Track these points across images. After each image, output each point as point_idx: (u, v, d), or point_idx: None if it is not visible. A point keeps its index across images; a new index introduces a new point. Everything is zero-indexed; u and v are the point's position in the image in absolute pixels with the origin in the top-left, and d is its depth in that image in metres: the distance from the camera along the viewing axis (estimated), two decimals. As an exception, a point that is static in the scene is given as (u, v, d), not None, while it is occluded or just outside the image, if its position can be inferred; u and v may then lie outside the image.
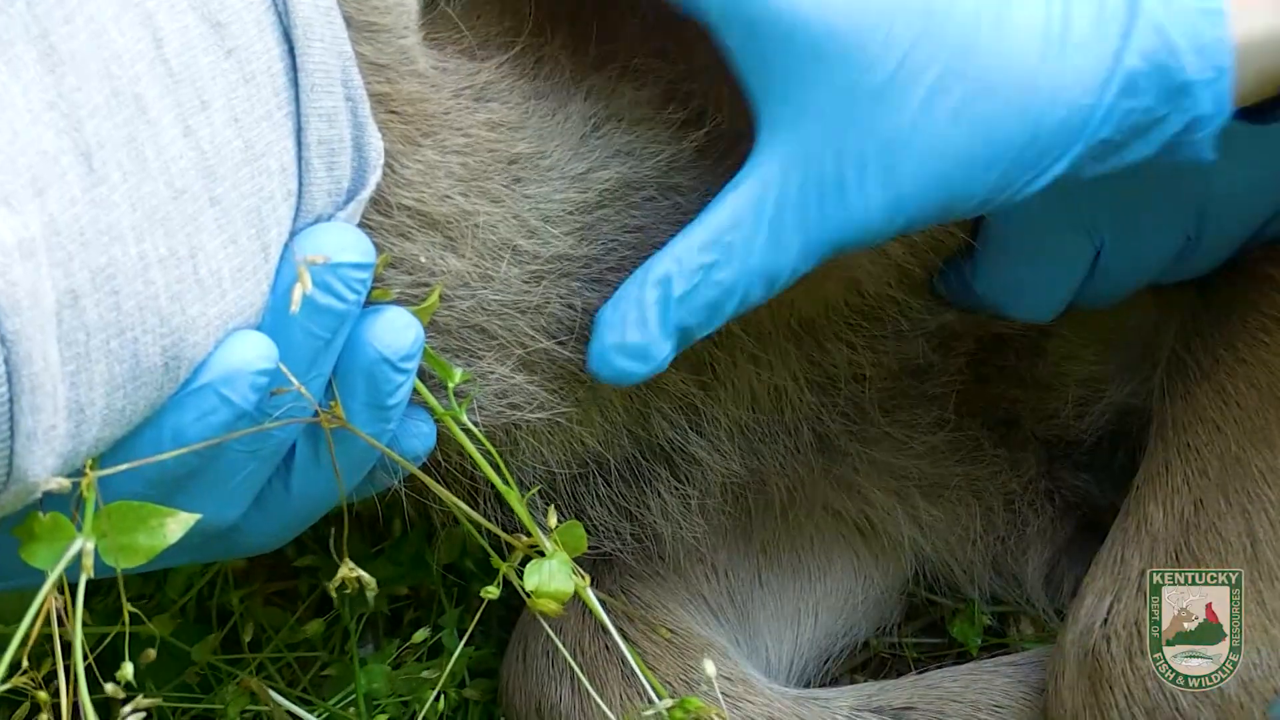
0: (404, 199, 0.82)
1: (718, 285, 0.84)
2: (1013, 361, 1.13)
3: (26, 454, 0.66)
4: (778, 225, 0.82)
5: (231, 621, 1.19)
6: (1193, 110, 0.81)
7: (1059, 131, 0.81)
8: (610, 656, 1.08)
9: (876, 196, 0.81)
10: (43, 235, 0.65)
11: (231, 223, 0.73)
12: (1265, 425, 1.00)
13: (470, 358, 0.87)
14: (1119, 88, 0.80)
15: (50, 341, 0.66)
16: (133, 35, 0.70)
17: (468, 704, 1.18)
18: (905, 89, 0.80)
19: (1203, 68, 0.80)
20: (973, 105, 0.80)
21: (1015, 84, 0.80)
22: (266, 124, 0.75)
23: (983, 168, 0.81)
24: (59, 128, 0.66)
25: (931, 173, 0.81)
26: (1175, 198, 0.99)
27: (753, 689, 1.09)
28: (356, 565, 1.18)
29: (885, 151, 0.80)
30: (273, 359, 0.75)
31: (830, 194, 0.82)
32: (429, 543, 1.22)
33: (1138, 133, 0.82)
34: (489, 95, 0.86)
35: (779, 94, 0.82)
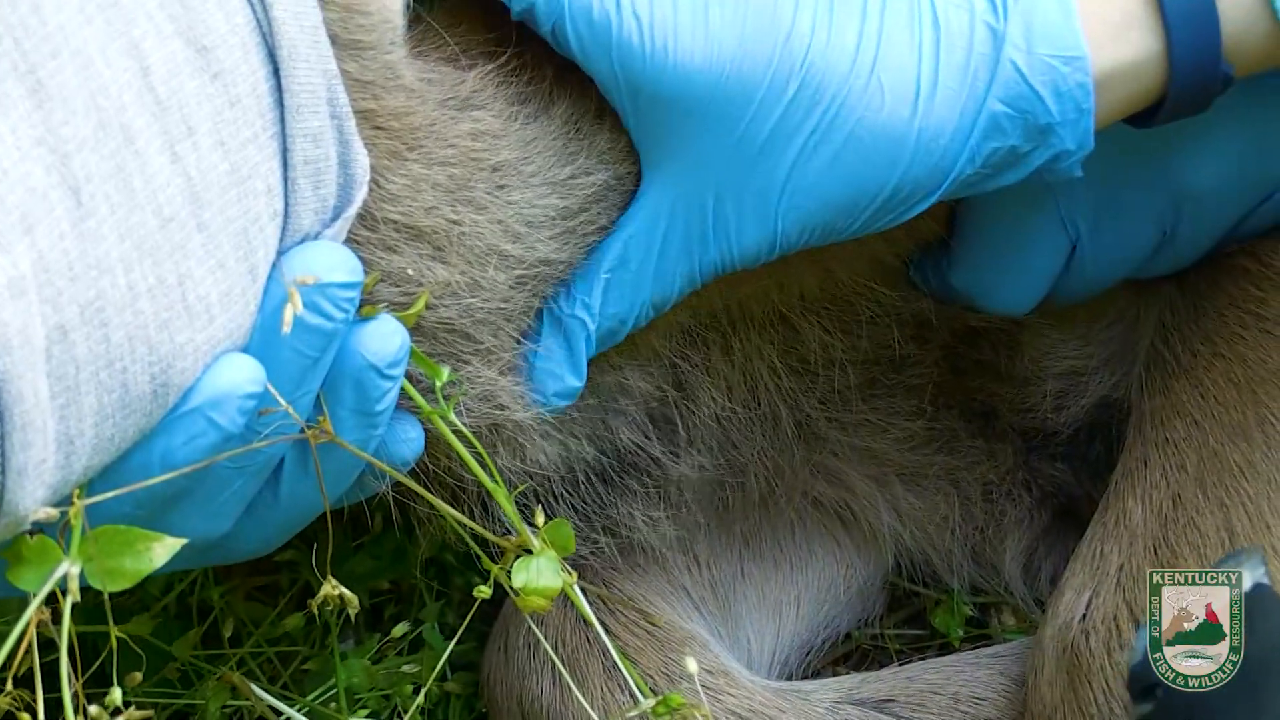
0: (390, 213, 0.82)
1: (614, 318, 0.91)
2: (988, 355, 1.14)
3: (17, 489, 0.67)
4: (664, 259, 0.89)
5: (212, 617, 1.19)
6: (1056, 146, 0.86)
7: (927, 175, 0.86)
8: (592, 649, 1.08)
9: (753, 233, 0.88)
10: (32, 273, 0.65)
11: (219, 248, 0.73)
12: (1243, 420, 1.01)
13: (456, 362, 0.88)
14: (983, 131, 0.85)
15: (40, 378, 0.66)
16: (120, 65, 0.69)
17: (449, 698, 1.18)
18: (782, 143, 0.85)
19: (1064, 110, 0.85)
20: (845, 157, 0.85)
21: (886, 136, 0.85)
22: (253, 146, 0.75)
23: (854, 209, 0.87)
24: (47, 163, 0.66)
25: (806, 213, 0.87)
26: (1151, 192, 1.00)
27: (734, 681, 1.09)
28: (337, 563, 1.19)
29: (762, 197, 0.87)
30: (260, 381, 0.75)
31: (710, 231, 0.88)
32: (409, 537, 1.22)
33: (1005, 166, 0.87)
34: (473, 104, 0.86)
35: (664, 147, 0.88)
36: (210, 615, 1.19)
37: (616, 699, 1.06)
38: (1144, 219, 1.01)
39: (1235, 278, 1.05)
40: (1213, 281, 1.06)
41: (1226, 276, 1.05)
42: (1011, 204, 1.00)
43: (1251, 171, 0.99)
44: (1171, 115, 0.89)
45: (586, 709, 1.04)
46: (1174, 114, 0.89)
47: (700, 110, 0.85)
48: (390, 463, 0.85)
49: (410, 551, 1.22)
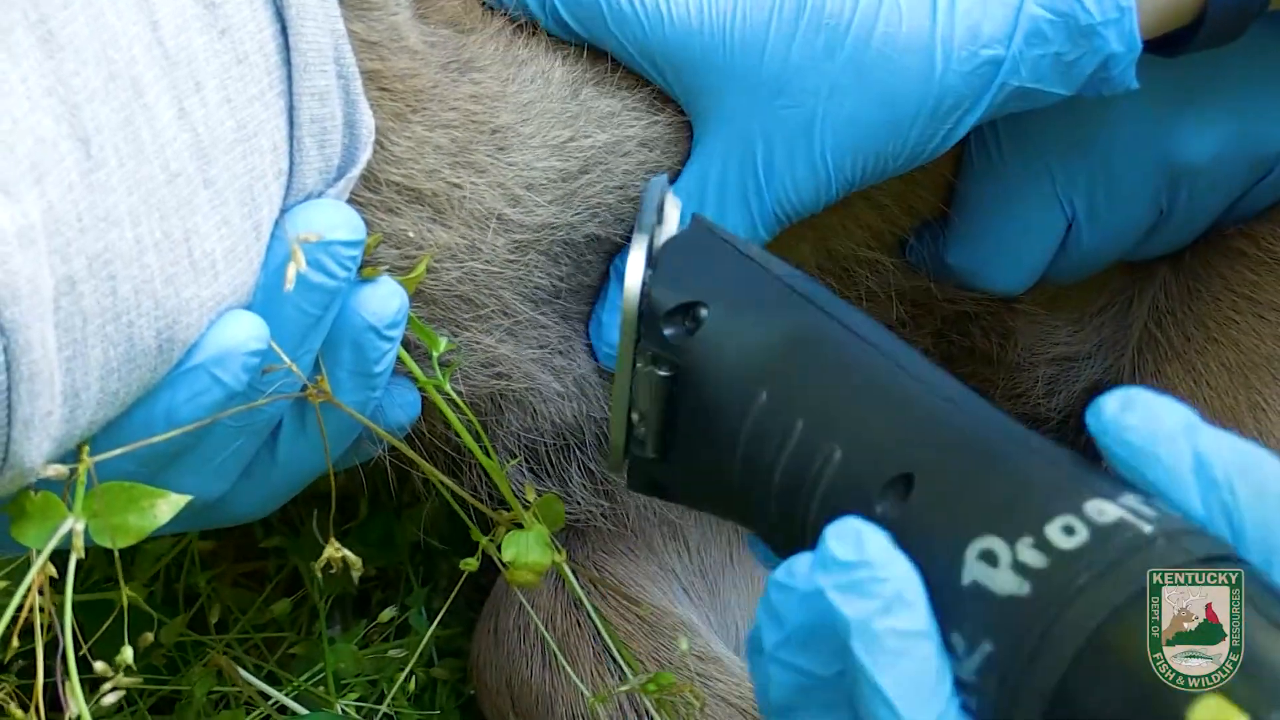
0: (393, 175, 0.82)
1: None
2: (980, 342, 1.14)
3: (24, 440, 0.66)
4: (721, 207, 0.90)
5: (199, 603, 1.18)
6: (1103, 50, 0.86)
7: (965, 84, 0.86)
8: (582, 633, 1.08)
9: (804, 174, 0.88)
10: (42, 222, 0.64)
11: (225, 204, 0.73)
12: (1235, 405, 1.01)
13: (455, 327, 0.88)
14: (1025, 37, 0.85)
15: (48, 329, 0.65)
16: (130, 18, 0.69)
17: (436, 683, 1.18)
18: (806, 77, 0.86)
19: (1105, 9, 0.85)
20: (874, 77, 0.86)
21: (910, 49, 0.86)
22: (259, 103, 0.74)
23: (898, 130, 0.87)
24: (57, 113, 0.66)
25: (851, 142, 0.87)
26: (1147, 171, 1.00)
27: (724, 668, 1.09)
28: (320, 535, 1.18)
29: (804, 135, 0.87)
30: (264, 339, 0.75)
31: (763, 180, 0.89)
32: (396, 522, 1.22)
33: (1054, 76, 0.86)
34: (473, 66, 0.86)
35: (700, 104, 0.90)
36: (197, 601, 1.18)
37: (607, 683, 1.05)
38: (1140, 197, 1.01)
39: (1230, 261, 1.05)
40: (1207, 265, 1.06)
41: (1221, 260, 1.06)
42: (1008, 181, 1.00)
43: (1247, 149, 1.00)
44: (1210, 36, 0.88)
45: (579, 685, 1.04)
46: (1212, 35, 0.88)
47: (716, 64, 0.87)
48: (387, 427, 0.86)
49: (397, 537, 1.22)
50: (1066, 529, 0.60)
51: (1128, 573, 0.59)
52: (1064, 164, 0.99)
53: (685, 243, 0.77)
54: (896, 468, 0.65)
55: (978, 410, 0.68)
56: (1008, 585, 0.60)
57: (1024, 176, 1.00)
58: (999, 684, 0.60)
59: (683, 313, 0.74)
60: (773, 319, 0.73)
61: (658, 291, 0.74)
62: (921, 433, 0.67)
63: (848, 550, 0.62)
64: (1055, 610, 0.59)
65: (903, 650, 0.60)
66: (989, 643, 0.60)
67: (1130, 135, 0.99)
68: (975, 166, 1.01)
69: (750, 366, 0.72)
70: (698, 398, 0.73)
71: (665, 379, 0.75)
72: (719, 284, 0.75)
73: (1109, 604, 0.59)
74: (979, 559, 0.61)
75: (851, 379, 0.70)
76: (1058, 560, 0.60)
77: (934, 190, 1.03)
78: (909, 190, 1.03)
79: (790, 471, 0.69)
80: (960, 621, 0.61)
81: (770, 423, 0.70)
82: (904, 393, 0.69)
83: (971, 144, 1.01)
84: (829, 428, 0.68)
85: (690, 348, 0.73)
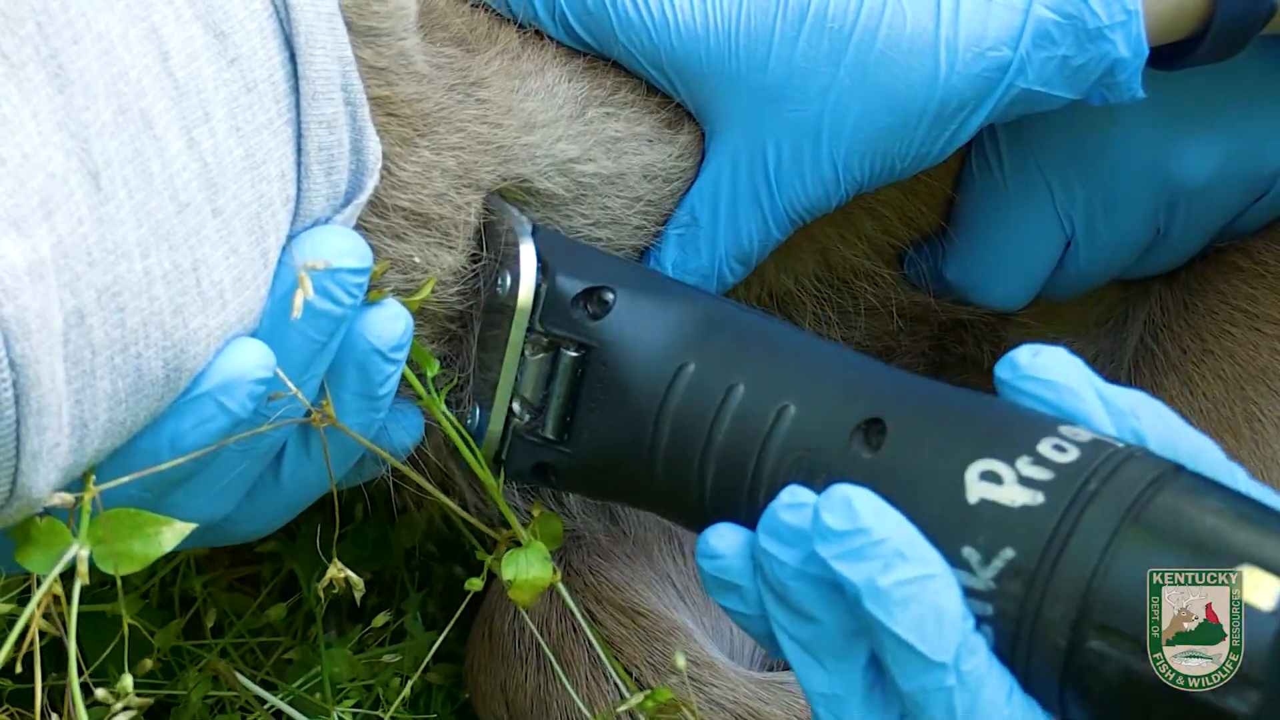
0: (400, 201, 0.82)
1: (695, 273, 0.92)
2: (972, 350, 1.14)
3: (31, 472, 0.66)
4: (733, 213, 0.91)
5: (194, 608, 1.18)
6: (1110, 54, 0.86)
7: (970, 86, 0.87)
8: (577, 638, 1.08)
9: (812, 175, 0.89)
10: (51, 257, 0.64)
11: (233, 233, 0.73)
12: (1231, 416, 1.02)
13: (453, 342, 0.88)
14: (1033, 39, 0.85)
15: (58, 362, 0.65)
16: (139, 50, 0.69)
17: (431, 688, 1.18)
18: (811, 78, 0.87)
19: (1112, 12, 0.85)
20: (878, 78, 0.86)
21: (914, 50, 0.86)
22: (267, 132, 0.74)
23: (904, 130, 0.88)
24: (67, 148, 0.66)
25: (857, 146, 0.88)
26: (1145, 189, 1.00)
27: (718, 673, 1.09)
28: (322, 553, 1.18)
29: (811, 136, 0.88)
30: (270, 366, 0.75)
31: (774, 181, 0.90)
32: (391, 527, 1.22)
33: (1061, 80, 0.87)
34: (480, 87, 0.86)
35: (709, 109, 0.91)
36: (193, 606, 1.18)
37: (602, 688, 1.06)
38: (1138, 216, 1.01)
39: (1226, 274, 1.06)
40: (1203, 278, 1.07)
41: (1217, 273, 1.06)
42: (1008, 198, 1.01)
43: (1244, 171, 1.00)
44: (1213, 48, 0.89)
45: (572, 695, 1.04)
46: (1215, 47, 0.89)
47: (722, 70, 0.88)
48: (390, 448, 0.86)
49: (392, 542, 1.22)
50: (1057, 447, 0.67)
51: (1130, 478, 0.65)
52: (1063, 182, 1.00)
53: (569, 244, 0.85)
54: (862, 413, 0.71)
55: (901, 370, 0.76)
56: (1020, 497, 0.66)
57: (1024, 193, 1.00)
58: (1026, 584, 0.65)
59: (587, 297, 0.80)
60: (680, 301, 0.80)
61: (561, 278, 0.80)
62: (874, 383, 0.74)
63: (840, 519, 0.67)
64: (1075, 512, 0.65)
65: (911, 596, 0.65)
66: (1010, 549, 0.65)
67: (1129, 155, 0.99)
68: (975, 182, 1.02)
69: (671, 341, 0.78)
70: (613, 375, 0.79)
71: (574, 360, 0.80)
72: (615, 274, 0.81)
73: (1124, 504, 0.64)
74: (982, 479, 0.67)
75: (784, 345, 0.77)
76: (1061, 473, 0.66)
77: (933, 202, 1.03)
78: (909, 202, 1.03)
79: (735, 431, 0.74)
80: (973, 535, 0.66)
81: (704, 389, 0.76)
82: (840, 354, 0.76)
83: (972, 159, 1.02)
84: (776, 386, 0.74)
85: (600, 329, 0.79)
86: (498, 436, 0.84)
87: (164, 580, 1.19)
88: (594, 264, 0.83)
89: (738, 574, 0.73)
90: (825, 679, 0.70)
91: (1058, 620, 0.64)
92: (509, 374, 0.83)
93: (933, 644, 0.65)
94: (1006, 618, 0.66)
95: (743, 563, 0.73)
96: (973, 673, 0.65)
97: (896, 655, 0.66)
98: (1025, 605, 0.65)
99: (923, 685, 0.66)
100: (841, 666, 0.69)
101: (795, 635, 0.70)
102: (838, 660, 0.69)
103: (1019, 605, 0.65)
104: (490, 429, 0.84)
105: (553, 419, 0.83)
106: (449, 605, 1.23)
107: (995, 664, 0.66)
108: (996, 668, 0.66)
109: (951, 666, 0.65)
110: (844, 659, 0.69)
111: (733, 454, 0.75)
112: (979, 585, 0.66)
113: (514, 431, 0.84)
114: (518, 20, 0.90)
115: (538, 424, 0.83)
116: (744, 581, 0.73)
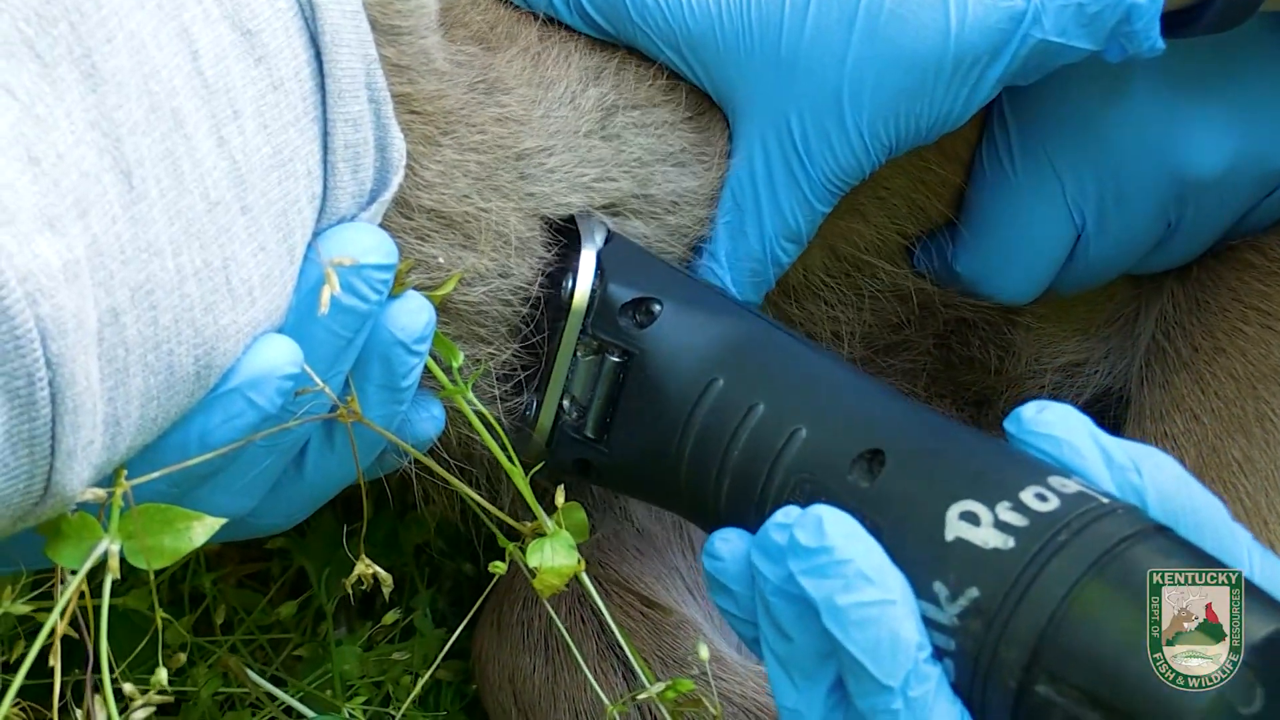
0: (424, 201, 0.82)
1: (748, 258, 0.94)
2: (978, 352, 1.14)
3: (65, 470, 0.66)
4: (773, 193, 0.92)
5: (204, 605, 1.18)
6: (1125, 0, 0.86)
7: (985, 39, 0.87)
8: (586, 629, 1.08)
9: (840, 144, 0.90)
10: (86, 256, 0.65)
11: (261, 230, 0.74)
12: (1243, 415, 1.02)
13: (480, 343, 0.88)
14: None
15: (92, 361, 0.66)
16: (170, 49, 0.70)
17: (440, 684, 1.18)
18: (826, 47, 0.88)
19: None
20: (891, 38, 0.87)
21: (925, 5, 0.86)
22: (294, 129, 0.75)
23: (922, 90, 0.88)
24: (101, 146, 0.66)
25: (879, 110, 0.89)
26: (1156, 183, 1.00)
27: (726, 667, 1.09)
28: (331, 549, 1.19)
29: (833, 104, 0.89)
30: (298, 362, 0.76)
31: (805, 155, 0.90)
32: (401, 524, 1.22)
33: (1078, 29, 0.87)
34: (500, 87, 0.86)
35: (732, 90, 0.91)
36: (202, 602, 1.19)
37: (610, 680, 1.06)
38: (1149, 210, 1.01)
39: (1239, 271, 1.06)
40: (1216, 275, 1.07)
41: (1230, 270, 1.06)
42: (1018, 191, 1.01)
43: (1255, 165, 1.00)
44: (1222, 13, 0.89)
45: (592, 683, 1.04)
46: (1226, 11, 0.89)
47: (739, 47, 0.89)
48: (412, 440, 0.87)
49: (402, 539, 1.22)
50: (1039, 496, 0.69)
51: (1103, 533, 0.67)
52: (1074, 175, 1.00)
53: (630, 252, 0.88)
54: (865, 444, 0.74)
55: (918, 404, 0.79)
56: (992, 540, 0.68)
57: (1034, 185, 1.01)
58: (986, 624, 0.67)
59: (635, 307, 0.83)
60: (721, 318, 0.83)
61: (613, 286, 0.85)
62: (881, 415, 0.77)
63: (809, 537, 0.70)
64: (1042, 560, 0.67)
65: (868, 618, 0.68)
66: (975, 589, 0.68)
67: (1140, 148, 0.99)
68: (986, 173, 1.02)
69: (706, 356, 0.82)
70: (650, 382, 0.83)
71: (617, 365, 0.84)
72: (667, 286, 0.85)
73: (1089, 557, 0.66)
74: (961, 519, 0.69)
75: (806, 370, 0.80)
76: (1037, 521, 0.68)
77: (943, 193, 1.03)
78: (918, 192, 1.03)
79: (750, 448, 0.78)
80: (944, 572, 0.69)
81: (729, 405, 0.80)
82: (857, 383, 0.79)
83: (983, 150, 1.02)
84: (792, 410, 0.78)
85: (644, 337, 0.83)
86: (547, 430, 0.89)
87: (174, 577, 1.19)
88: (648, 275, 0.87)
89: (734, 579, 0.76)
90: (793, 694, 0.72)
91: (1011, 662, 0.66)
92: (560, 372, 0.87)
93: (884, 667, 0.68)
94: (966, 654, 0.68)
95: (740, 569, 0.75)
96: (920, 700, 0.68)
97: (852, 671, 0.69)
98: (983, 644, 0.67)
99: (873, 705, 0.68)
100: (808, 685, 0.72)
101: (773, 649, 0.73)
102: (806, 679, 0.72)
103: (978, 643, 0.67)
104: (540, 422, 0.89)
105: (594, 418, 0.87)
106: (458, 602, 1.23)
107: (947, 695, 0.68)
108: (947, 699, 0.68)
109: (899, 691, 0.67)
110: (811, 679, 0.72)
111: (746, 469, 0.78)
112: (944, 620, 0.69)
113: (562, 427, 0.88)
114: (535, 11, 0.91)
115: (582, 422, 0.87)
116: (739, 587, 0.75)
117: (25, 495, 0.66)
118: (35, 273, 0.62)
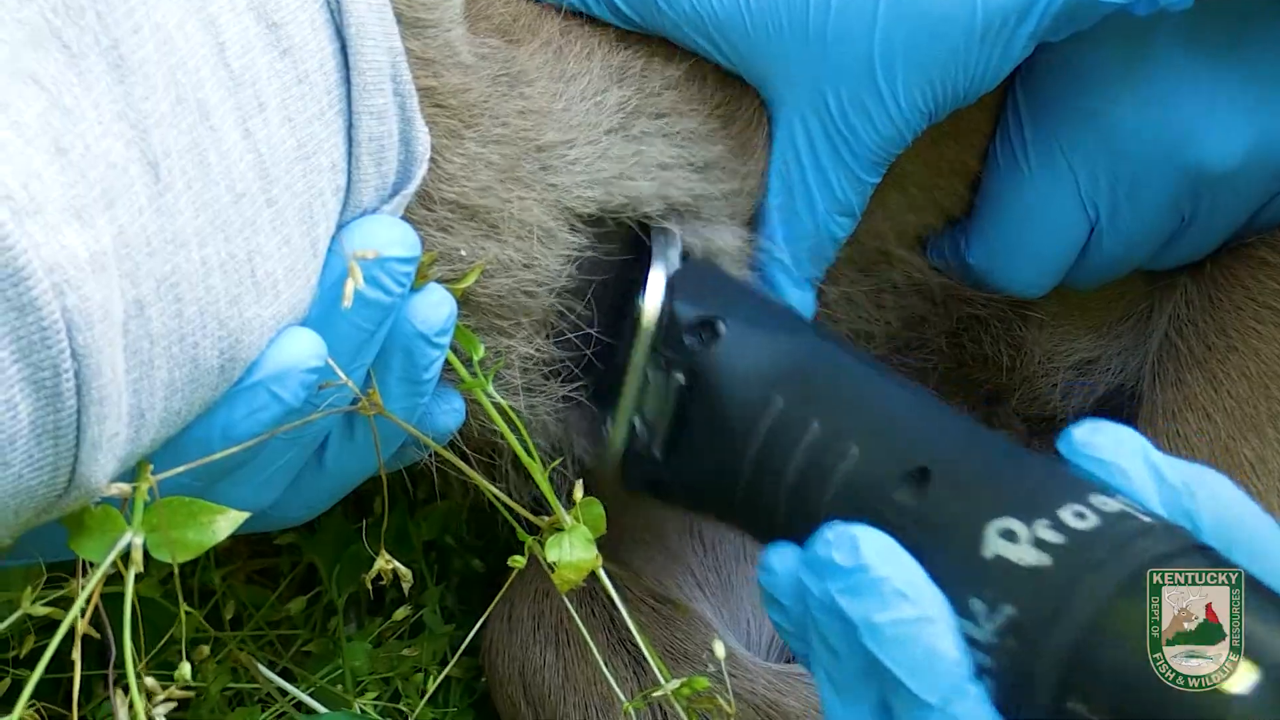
0: (447, 193, 0.82)
1: (804, 238, 0.96)
2: (989, 350, 1.14)
3: (90, 462, 0.66)
4: (819, 170, 0.93)
5: (213, 600, 1.18)
6: None
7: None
8: (596, 622, 1.08)
9: (879, 113, 0.91)
10: (113, 247, 0.65)
11: (285, 223, 0.73)
12: (1255, 414, 1.02)
13: (500, 335, 0.88)
14: None
15: (118, 352, 0.65)
16: (197, 40, 0.69)
17: (450, 681, 1.18)
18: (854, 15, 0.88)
19: None
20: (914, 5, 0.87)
21: None
22: (319, 122, 0.75)
23: (955, 53, 0.89)
24: (127, 138, 0.66)
25: (913, 77, 0.89)
26: (1170, 177, 1.00)
27: (737, 663, 1.09)
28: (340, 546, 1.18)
29: (866, 73, 0.89)
30: (322, 355, 0.75)
31: (846, 129, 0.91)
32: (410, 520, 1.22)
33: None
34: (522, 80, 0.86)
35: (767, 71, 0.92)
36: (211, 598, 1.18)
37: (620, 674, 1.06)
38: (1162, 204, 1.01)
39: (1253, 269, 1.06)
40: (1229, 273, 1.06)
41: (1244, 269, 1.06)
42: (1032, 182, 1.01)
43: (1269, 160, 1.00)
44: None
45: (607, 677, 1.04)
46: None
47: (766, 24, 0.89)
48: (433, 433, 0.87)
49: (412, 535, 1.22)
50: (1078, 514, 0.69)
51: (1139, 551, 0.67)
52: (1088, 167, 1.00)
53: (699, 269, 0.90)
54: (912, 462, 0.74)
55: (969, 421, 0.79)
56: (1029, 558, 0.68)
57: (1047, 176, 1.01)
58: (1021, 641, 0.67)
59: (701, 326, 0.84)
60: (783, 338, 0.83)
61: (680, 307, 0.85)
62: (931, 433, 0.77)
63: (845, 556, 0.70)
64: (1077, 579, 0.67)
65: (907, 636, 0.68)
66: (1011, 606, 0.68)
67: (1154, 141, 0.99)
68: (999, 164, 1.02)
69: (766, 376, 0.81)
70: (713, 402, 0.83)
71: (682, 386, 0.84)
72: (732, 305, 0.85)
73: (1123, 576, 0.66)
74: (1000, 536, 0.69)
75: (859, 387, 0.81)
76: (1075, 539, 0.68)
77: (960, 188, 1.03)
78: (935, 179, 1.04)
79: (805, 467, 0.78)
80: (981, 589, 0.69)
81: (787, 424, 0.80)
82: (907, 399, 0.79)
83: (996, 143, 1.02)
84: (845, 429, 0.78)
85: (709, 357, 0.83)
86: (619, 450, 0.89)
87: (183, 572, 1.19)
88: (714, 293, 0.87)
89: (785, 593, 0.75)
90: (840, 710, 0.72)
91: (1045, 680, 0.67)
92: (631, 391, 0.87)
93: (924, 684, 0.68)
94: (1003, 671, 0.68)
95: (792, 583, 0.75)
96: (962, 717, 0.68)
97: (894, 689, 0.69)
98: (1019, 662, 0.67)
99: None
100: (854, 701, 0.72)
101: (823, 664, 0.73)
102: (852, 695, 0.72)
103: (1014, 661, 0.68)
104: (612, 443, 0.89)
105: (662, 439, 0.87)
106: (467, 599, 1.23)
107: (988, 712, 0.68)
108: (989, 717, 0.68)
109: (939, 708, 0.68)
110: (858, 695, 0.72)
111: (800, 487, 0.79)
112: (981, 637, 0.69)
113: (634, 446, 0.88)
114: (557, 5, 0.91)
115: (651, 442, 0.87)
116: (790, 602, 0.75)
117: (50, 487, 0.66)
118: (62, 264, 0.62)
